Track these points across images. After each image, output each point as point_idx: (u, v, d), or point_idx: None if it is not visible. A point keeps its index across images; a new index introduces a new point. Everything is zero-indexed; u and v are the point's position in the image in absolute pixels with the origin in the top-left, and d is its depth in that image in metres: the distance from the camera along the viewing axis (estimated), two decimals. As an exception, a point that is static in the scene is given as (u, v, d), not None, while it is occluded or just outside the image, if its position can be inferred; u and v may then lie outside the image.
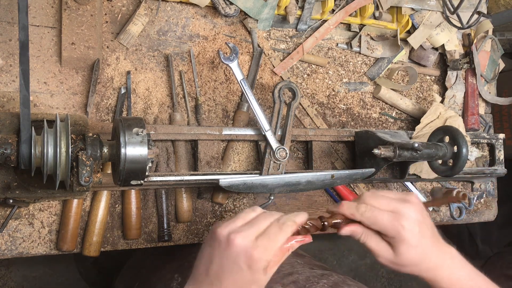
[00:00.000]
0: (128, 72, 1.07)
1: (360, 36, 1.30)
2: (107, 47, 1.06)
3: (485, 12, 1.41)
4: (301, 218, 0.74)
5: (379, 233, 0.78)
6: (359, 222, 0.78)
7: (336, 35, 1.30)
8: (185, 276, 1.04)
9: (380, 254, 0.78)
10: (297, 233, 0.74)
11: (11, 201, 0.87)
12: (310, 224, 0.76)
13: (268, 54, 1.21)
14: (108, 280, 2.01)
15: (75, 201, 0.98)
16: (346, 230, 0.79)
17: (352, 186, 1.27)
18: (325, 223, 0.78)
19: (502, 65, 1.49)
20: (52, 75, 1.01)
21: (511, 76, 1.81)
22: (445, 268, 0.78)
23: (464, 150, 1.06)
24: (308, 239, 0.75)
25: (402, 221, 0.75)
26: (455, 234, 2.75)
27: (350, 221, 0.79)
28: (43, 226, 0.99)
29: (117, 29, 1.07)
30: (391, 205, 0.77)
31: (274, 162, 1.05)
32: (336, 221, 0.79)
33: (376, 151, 1.05)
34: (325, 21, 1.24)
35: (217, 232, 0.70)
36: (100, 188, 1.00)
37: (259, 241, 0.68)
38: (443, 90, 1.43)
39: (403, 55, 1.36)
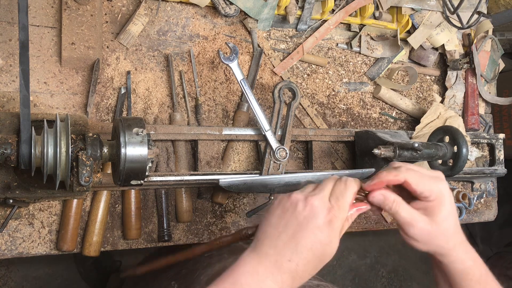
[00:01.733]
0: (128, 72, 1.07)
1: (360, 36, 1.30)
2: (107, 47, 1.06)
3: (485, 12, 1.41)
4: (357, 180, 0.74)
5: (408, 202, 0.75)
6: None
7: (336, 35, 1.30)
8: (181, 282, 1.04)
9: (414, 223, 0.73)
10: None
11: (11, 201, 0.87)
12: (363, 194, 0.75)
13: (268, 54, 1.21)
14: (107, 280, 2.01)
15: (75, 201, 0.98)
16: (377, 196, 0.74)
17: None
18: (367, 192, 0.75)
19: (502, 65, 1.49)
20: (52, 75, 1.01)
21: (511, 76, 1.81)
22: (456, 247, 0.76)
23: (464, 150, 1.06)
24: (366, 206, 0.75)
25: (443, 185, 0.74)
26: (455, 234, 2.75)
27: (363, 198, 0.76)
28: (43, 226, 0.99)
29: (117, 29, 1.07)
30: (427, 171, 0.75)
31: (274, 162, 1.05)
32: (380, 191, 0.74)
33: (376, 151, 1.05)
34: (325, 21, 1.24)
35: (293, 196, 0.70)
36: (100, 188, 1.00)
37: (332, 201, 0.70)
38: (443, 90, 1.43)
39: (403, 55, 1.36)
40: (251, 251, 0.69)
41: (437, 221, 0.73)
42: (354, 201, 0.75)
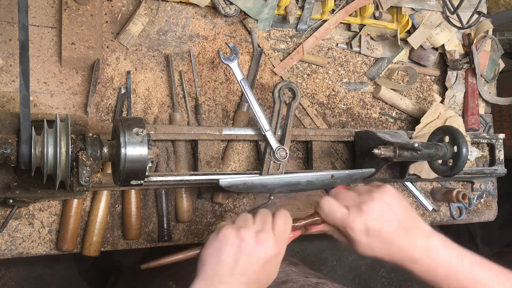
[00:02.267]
0: (128, 72, 1.07)
1: (360, 36, 1.30)
2: (107, 47, 1.06)
3: (485, 12, 1.41)
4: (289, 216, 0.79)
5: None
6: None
7: (336, 35, 1.30)
8: (179, 283, 1.04)
9: (348, 245, 0.81)
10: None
11: (11, 201, 0.87)
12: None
13: (268, 54, 1.21)
14: (107, 280, 2.01)
15: (75, 201, 0.98)
16: (315, 230, 0.83)
17: (352, 186, 1.27)
18: (297, 224, 0.81)
19: (502, 65, 1.49)
20: (52, 75, 1.01)
21: (511, 76, 1.81)
22: (413, 260, 0.76)
23: (464, 150, 1.06)
24: (298, 234, 0.82)
25: (351, 223, 0.77)
26: (455, 234, 2.75)
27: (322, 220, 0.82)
28: (43, 226, 0.99)
29: (117, 29, 1.07)
30: (348, 201, 0.79)
31: (274, 162, 1.05)
32: (304, 222, 0.82)
33: (376, 151, 1.05)
34: (325, 21, 1.24)
35: (242, 232, 0.72)
36: (100, 188, 1.00)
37: (277, 235, 0.74)
38: (443, 90, 1.43)
39: (403, 55, 1.36)
40: (203, 284, 0.71)
41: (356, 249, 0.80)
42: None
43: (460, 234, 2.70)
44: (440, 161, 1.13)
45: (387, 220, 0.77)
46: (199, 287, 0.70)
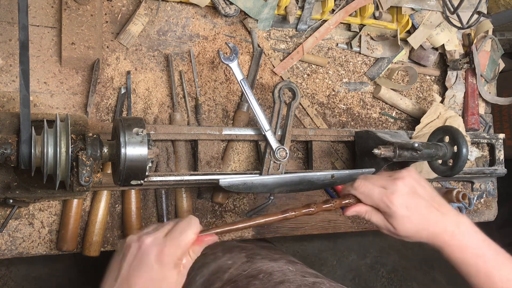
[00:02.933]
0: (128, 72, 1.07)
1: (360, 36, 1.30)
2: (107, 47, 1.06)
3: (485, 12, 1.41)
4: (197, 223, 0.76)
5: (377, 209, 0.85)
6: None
7: (336, 35, 1.30)
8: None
9: (383, 227, 0.85)
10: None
11: (11, 201, 0.87)
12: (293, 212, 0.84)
13: (268, 54, 1.21)
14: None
15: (75, 201, 0.98)
16: (351, 211, 0.87)
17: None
18: (331, 204, 0.86)
19: (502, 65, 1.49)
20: (52, 75, 1.01)
21: (511, 76, 1.81)
22: (447, 235, 0.80)
23: (464, 150, 1.06)
24: (214, 238, 0.78)
25: (390, 197, 0.81)
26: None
27: (355, 202, 0.87)
28: (43, 226, 0.99)
29: (117, 29, 1.07)
30: (382, 182, 0.84)
31: (274, 162, 1.05)
32: (341, 201, 0.86)
33: (376, 151, 1.05)
34: (325, 21, 1.24)
35: (128, 238, 0.73)
36: (100, 188, 1.00)
37: (167, 239, 0.71)
38: (443, 90, 1.43)
39: (403, 55, 1.36)
40: None
41: (395, 225, 0.82)
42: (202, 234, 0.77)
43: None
44: (440, 161, 1.13)
45: (422, 195, 0.82)
46: None
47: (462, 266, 0.80)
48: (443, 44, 1.36)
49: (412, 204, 0.81)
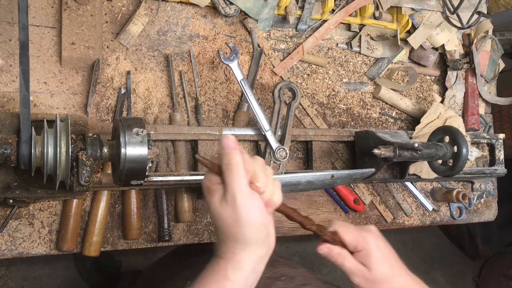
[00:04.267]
0: (128, 72, 1.07)
1: (360, 36, 1.30)
2: (107, 47, 1.06)
3: (485, 12, 1.41)
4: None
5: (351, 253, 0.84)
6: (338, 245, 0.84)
7: (336, 35, 1.30)
8: None
9: (356, 272, 0.82)
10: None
11: (11, 201, 0.87)
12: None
13: (268, 54, 1.21)
14: (108, 280, 2.01)
15: (75, 201, 0.98)
16: (323, 249, 0.83)
17: (352, 186, 1.27)
18: (319, 232, 0.83)
19: (502, 65, 1.49)
20: (52, 75, 1.01)
21: (511, 76, 1.81)
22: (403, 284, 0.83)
23: (464, 150, 1.06)
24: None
25: (367, 237, 0.83)
26: (455, 234, 2.75)
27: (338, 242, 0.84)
28: (43, 226, 0.99)
29: (117, 29, 1.07)
30: (355, 227, 0.85)
31: (274, 162, 1.05)
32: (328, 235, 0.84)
33: (376, 151, 1.05)
34: (325, 21, 1.24)
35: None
36: (100, 188, 1.00)
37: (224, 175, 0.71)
38: (443, 90, 1.43)
39: (403, 55, 1.36)
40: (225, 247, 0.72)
41: (372, 268, 0.82)
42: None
43: (460, 234, 2.70)
44: (440, 161, 1.13)
45: (390, 251, 0.86)
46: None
47: None
48: (443, 44, 1.36)
49: (385, 249, 0.84)
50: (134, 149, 0.79)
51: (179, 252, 1.37)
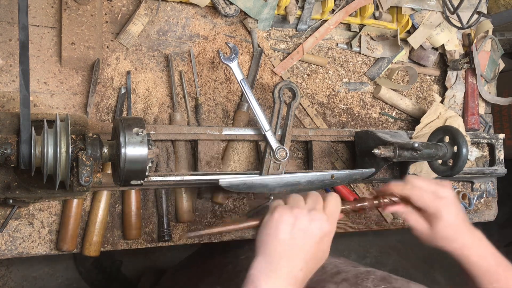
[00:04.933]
0: (128, 72, 1.07)
1: (360, 36, 1.30)
2: (107, 47, 1.06)
3: (485, 12, 1.41)
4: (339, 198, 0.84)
5: (417, 211, 0.91)
6: (402, 202, 0.92)
7: (336, 35, 1.30)
8: (226, 286, 1.05)
9: (418, 229, 0.91)
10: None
11: (11, 201, 0.87)
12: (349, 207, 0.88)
13: (268, 54, 1.21)
14: (109, 280, 2.01)
15: (75, 201, 0.98)
16: (392, 209, 0.92)
17: (352, 186, 1.27)
18: (380, 201, 0.91)
19: (502, 65, 1.49)
20: (52, 75, 1.01)
21: (511, 76, 1.81)
22: (474, 247, 0.89)
23: (464, 150, 1.06)
24: (341, 216, 0.86)
25: (441, 201, 0.88)
26: (455, 234, 2.75)
27: (393, 201, 0.92)
28: (43, 226, 0.99)
29: (117, 29, 1.07)
30: (432, 187, 0.89)
31: (274, 162, 1.05)
32: (389, 199, 0.91)
33: (376, 151, 1.05)
34: (325, 21, 1.24)
35: (295, 211, 0.75)
36: (100, 188, 1.00)
37: (328, 213, 0.78)
38: (443, 90, 1.43)
39: (403, 55, 1.35)
40: (263, 266, 0.72)
41: (437, 229, 0.89)
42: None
43: (460, 234, 2.70)
44: (440, 161, 1.13)
45: (460, 210, 0.91)
46: (260, 263, 0.72)
47: (469, 268, 0.89)
48: (443, 44, 1.36)
49: (455, 213, 0.89)
50: (134, 149, 0.79)
51: (201, 253, 1.38)
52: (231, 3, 1.11)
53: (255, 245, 0.75)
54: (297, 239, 0.74)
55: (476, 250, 0.89)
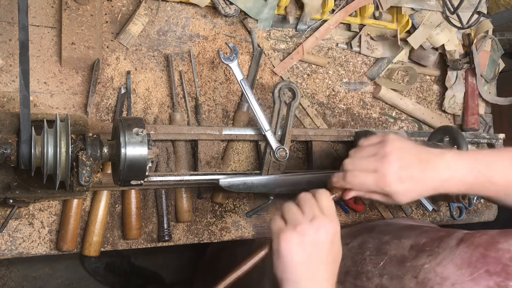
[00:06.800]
0: (128, 72, 1.07)
1: (360, 36, 1.30)
2: (107, 47, 1.06)
3: (485, 12, 1.41)
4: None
5: None
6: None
7: (336, 35, 1.30)
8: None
9: (384, 202, 0.83)
10: None
11: (11, 201, 0.87)
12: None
13: (268, 54, 1.21)
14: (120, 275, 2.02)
15: (75, 201, 0.98)
16: (350, 195, 0.85)
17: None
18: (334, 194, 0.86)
19: (502, 65, 1.49)
20: (52, 75, 1.01)
21: (511, 76, 1.81)
22: (445, 181, 0.81)
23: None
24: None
25: (384, 180, 0.80)
26: (455, 234, 2.75)
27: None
28: (43, 226, 0.99)
29: (117, 29, 1.07)
30: (370, 165, 0.81)
31: (274, 162, 1.05)
32: (338, 193, 0.86)
33: (376, 151, 1.04)
34: (325, 21, 1.24)
35: (298, 228, 0.75)
36: (100, 188, 1.00)
37: (327, 213, 0.77)
38: (443, 90, 1.43)
39: (403, 55, 1.35)
40: None
41: (397, 200, 0.81)
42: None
43: (460, 234, 2.69)
44: (440, 161, 1.13)
45: (410, 162, 0.80)
46: None
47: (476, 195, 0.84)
48: (443, 44, 1.36)
49: (405, 176, 0.80)
50: (134, 149, 0.79)
51: (213, 257, 1.36)
52: (231, 3, 1.11)
53: (276, 276, 0.76)
54: (311, 254, 0.74)
55: (447, 176, 0.81)
